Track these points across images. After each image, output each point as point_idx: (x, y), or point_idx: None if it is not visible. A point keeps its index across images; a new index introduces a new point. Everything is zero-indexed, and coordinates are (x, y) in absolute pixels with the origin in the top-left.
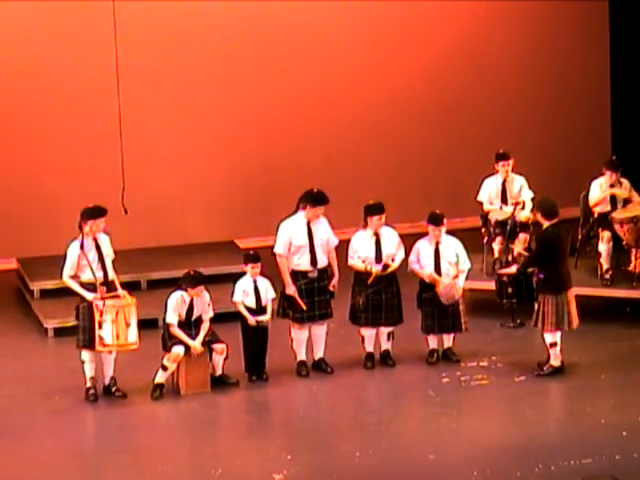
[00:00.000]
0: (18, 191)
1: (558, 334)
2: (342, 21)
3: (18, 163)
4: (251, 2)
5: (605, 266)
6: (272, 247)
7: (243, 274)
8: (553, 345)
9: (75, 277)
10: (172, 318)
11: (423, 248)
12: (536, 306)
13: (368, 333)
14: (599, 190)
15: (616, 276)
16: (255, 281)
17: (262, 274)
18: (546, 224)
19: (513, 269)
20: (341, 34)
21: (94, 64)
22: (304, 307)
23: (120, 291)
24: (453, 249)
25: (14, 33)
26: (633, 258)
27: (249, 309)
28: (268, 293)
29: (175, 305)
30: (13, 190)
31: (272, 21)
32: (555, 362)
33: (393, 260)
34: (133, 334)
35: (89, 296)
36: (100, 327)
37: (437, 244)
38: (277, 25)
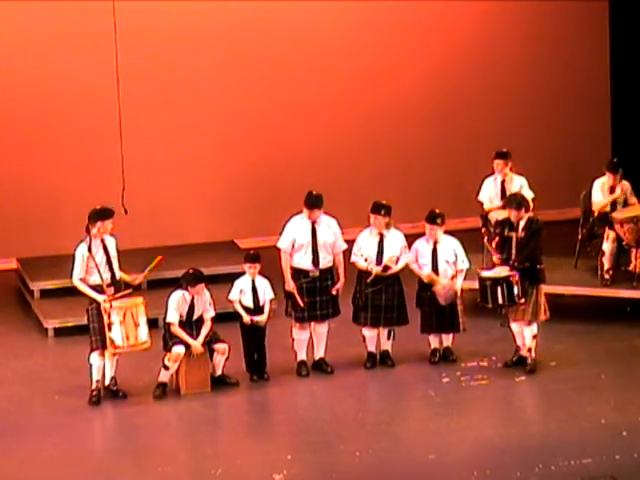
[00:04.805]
0: (18, 191)
1: None
2: (343, 24)
3: (18, 163)
4: (253, 3)
5: (606, 265)
6: (273, 247)
7: (243, 274)
8: (535, 336)
9: (83, 279)
10: (173, 317)
11: (421, 247)
12: (533, 298)
13: (369, 333)
14: (601, 193)
15: (616, 276)
16: (253, 281)
17: (262, 274)
18: (526, 216)
19: (506, 269)
20: (342, 37)
21: (94, 64)
22: (302, 304)
23: (128, 280)
24: (451, 248)
25: (14, 34)
26: (633, 258)
27: (247, 308)
28: (266, 293)
29: (176, 304)
30: (13, 190)
31: (274, 22)
32: (534, 353)
33: (397, 262)
34: (144, 333)
35: (100, 298)
36: (109, 329)
37: (435, 244)
38: (279, 26)
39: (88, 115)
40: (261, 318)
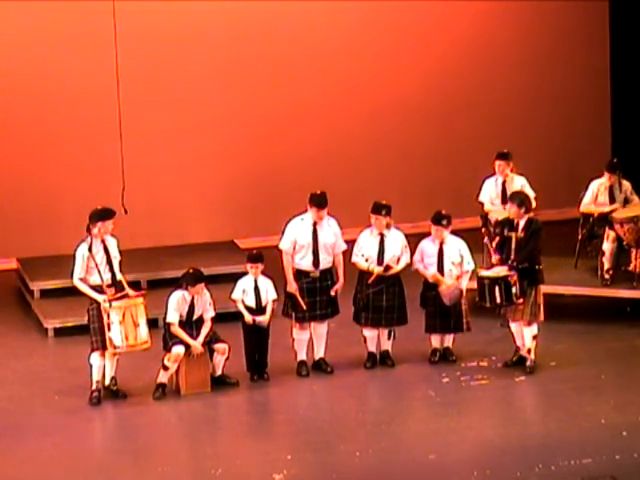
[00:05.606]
0: (18, 191)
1: None
2: (343, 24)
3: (18, 163)
4: (253, 3)
5: (607, 265)
6: (273, 247)
7: (244, 274)
8: (536, 337)
9: (83, 279)
10: (173, 317)
11: (427, 248)
12: (531, 298)
13: (370, 334)
14: (592, 195)
15: (616, 276)
16: (256, 281)
17: (264, 274)
18: (525, 217)
19: (504, 269)
20: (342, 37)
21: (94, 64)
22: (304, 306)
23: (129, 291)
24: (457, 249)
25: (14, 34)
26: (633, 258)
27: (249, 308)
28: (269, 293)
29: (176, 304)
30: (13, 190)
31: (274, 22)
32: (534, 354)
33: (398, 262)
34: (144, 333)
35: (100, 298)
36: (109, 329)
37: (441, 244)
38: (279, 26)
39: (88, 115)
40: (263, 318)
